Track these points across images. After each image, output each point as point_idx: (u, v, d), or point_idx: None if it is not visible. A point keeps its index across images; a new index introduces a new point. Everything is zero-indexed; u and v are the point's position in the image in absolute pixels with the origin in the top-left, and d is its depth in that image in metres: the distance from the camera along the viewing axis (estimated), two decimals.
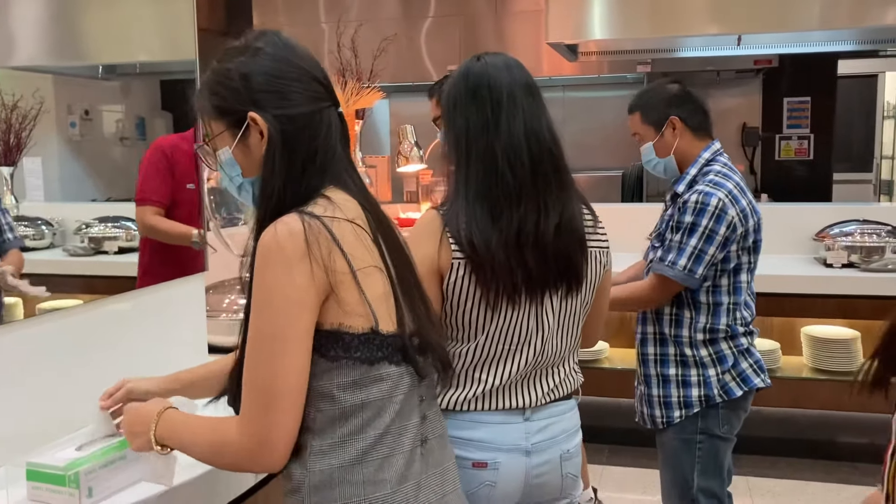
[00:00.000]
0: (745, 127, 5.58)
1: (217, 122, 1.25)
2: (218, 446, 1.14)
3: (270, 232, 1.12)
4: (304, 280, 1.10)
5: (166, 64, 2.24)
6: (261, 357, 1.11)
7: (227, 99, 1.23)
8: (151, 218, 1.97)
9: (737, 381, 2.16)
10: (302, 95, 1.22)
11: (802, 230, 3.96)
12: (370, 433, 1.15)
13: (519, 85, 1.56)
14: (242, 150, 1.23)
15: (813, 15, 3.79)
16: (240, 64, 1.23)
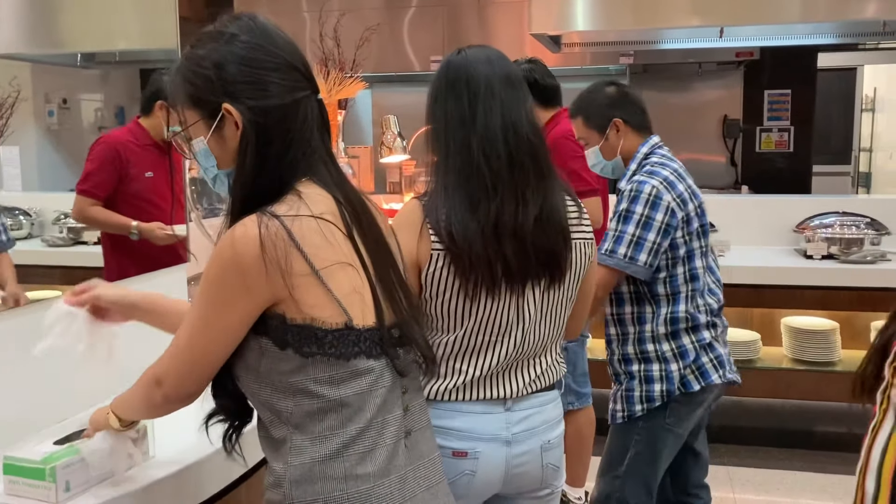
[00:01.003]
0: (727, 119, 5.61)
1: (191, 111, 1.22)
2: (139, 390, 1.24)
3: (229, 233, 1.13)
4: (250, 282, 1.11)
5: (146, 52, 2.22)
6: (181, 338, 1.17)
7: (200, 88, 1.20)
8: (89, 209, 1.97)
9: (696, 374, 2.16)
10: (278, 86, 1.19)
11: (783, 222, 3.99)
12: (351, 428, 1.14)
13: (498, 77, 1.56)
14: (217, 141, 1.21)
15: (794, 8, 3.81)
16: (213, 51, 1.20)
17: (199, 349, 1.16)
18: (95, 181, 1.97)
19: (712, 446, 3.77)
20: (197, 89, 1.20)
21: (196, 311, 1.16)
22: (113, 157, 2.03)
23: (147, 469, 1.35)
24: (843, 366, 3.66)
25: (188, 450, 1.40)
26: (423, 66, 5.01)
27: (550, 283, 1.58)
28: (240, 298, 1.12)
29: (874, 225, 3.74)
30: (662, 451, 2.20)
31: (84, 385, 1.61)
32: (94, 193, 1.97)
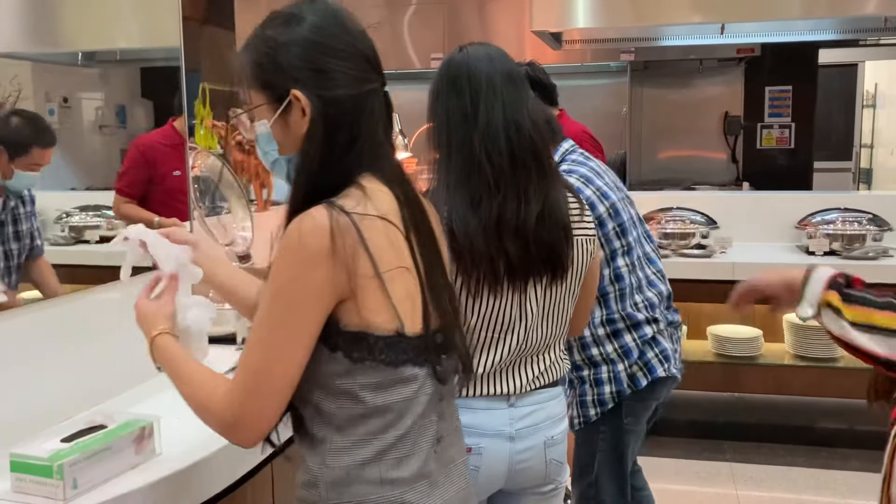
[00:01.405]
0: (727, 116, 5.61)
1: (258, 93, 1.18)
2: (202, 404, 1.15)
3: (296, 224, 1.08)
4: (320, 280, 1.07)
5: (147, 51, 2.22)
6: (261, 342, 1.10)
7: (270, 72, 1.16)
8: (122, 206, 2.07)
9: (643, 370, 2.16)
10: (350, 76, 1.15)
11: (784, 218, 3.99)
12: (391, 434, 1.13)
13: (499, 74, 1.56)
14: (281, 126, 1.17)
15: (794, 4, 3.81)
16: (286, 34, 1.16)
17: (278, 363, 1.09)
18: (127, 180, 2.08)
19: (714, 442, 3.80)
20: (266, 72, 1.17)
21: (269, 318, 1.10)
22: (141, 157, 2.13)
23: (153, 466, 1.35)
24: (846, 362, 3.66)
25: (194, 447, 1.40)
26: (423, 64, 5.00)
27: (552, 280, 1.59)
28: (313, 296, 1.08)
29: (876, 221, 3.74)
30: (626, 452, 2.21)
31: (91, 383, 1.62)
32: (126, 192, 2.07)
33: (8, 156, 1.62)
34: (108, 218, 2.04)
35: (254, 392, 1.09)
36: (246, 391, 1.09)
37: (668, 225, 3.88)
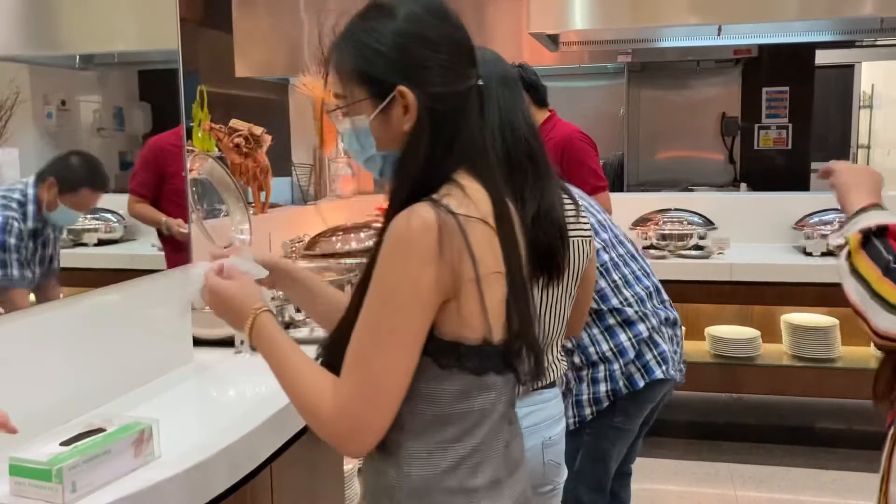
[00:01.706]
0: (725, 116, 5.62)
1: (358, 87, 1.12)
2: (309, 407, 1.08)
3: (404, 221, 1.04)
4: (430, 281, 1.03)
5: (145, 54, 2.22)
6: (376, 349, 1.05)
7: (376, 66, 1.10)
8: (133, 206, 2.09)
9: (641, 371, 2.16)
10: (456, 72, 1.12)
11: (782, 219, 4.00)
12: (468, 441, 1.11)
13: (495, 78, 1.57)
14: (381, 122, 1.12)
15: (791, 6, 3.81)
16: (392, 27, 1.11)
17: (394, 372, 1.05)
18: (139, 181, 2.10)
19: (713, 443, 3.80)
20: (370, 66, 1.11)
21: (380, 322, 1.05)
22: (152, 158, 2.16)
23: (153, 469, 1.35)
24: (843, 362, 3.67)
25: (194, 450, 1.40)
26: None
27: (549, 281, 1.59)
28: (424, 298, 1.04)
29: None
30: (611, 450, 2.21)
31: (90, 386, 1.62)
32: (138, 192, 2.10)
33: (58, 189, 1.66)
34: (106, 221, 2.03)
35: (370, 403, 1.05)
36: (362, 402, 1.05)
37: (666, 226, 3.89)
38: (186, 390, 1.79)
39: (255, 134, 2.80)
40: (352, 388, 1.05)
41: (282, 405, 1.60)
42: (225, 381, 1.87)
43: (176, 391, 1.76)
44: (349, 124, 1.15)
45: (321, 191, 3.86)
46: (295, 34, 4.44)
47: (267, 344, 1.15)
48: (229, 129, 2.82)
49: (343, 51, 1.13)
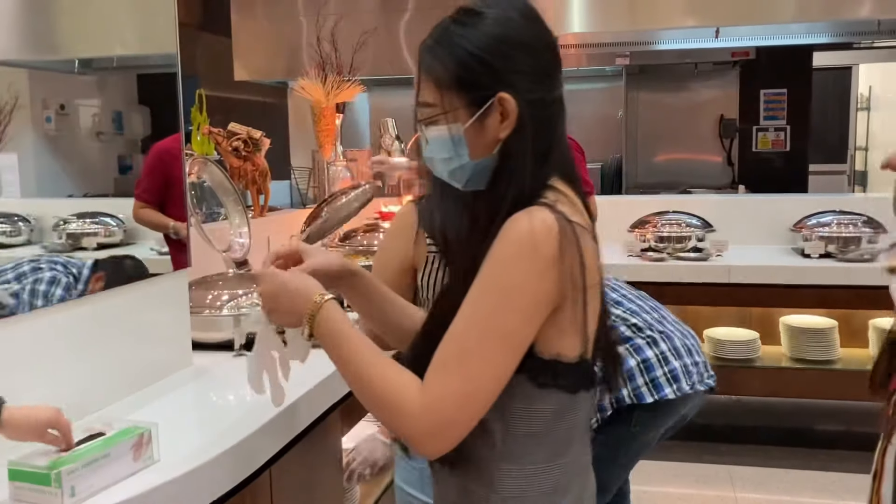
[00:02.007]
0: (723, 119, 5.63)
1: (456, 94, 1.08)
2: (390, 402, 1.02)
3: (525, 223, 1.01)
4: (550, 286, 1.00)
5: (144, 58, 2.22)
6: (481, 350, 1.00)
7: (475, 72, 1.06)
8: (139, 211, 2.08)
9: (648, 387, 2.15)
10: (551, 77, 1.09)
11: (780, 221, 4.00)
12: (560, 461, 1.08)
13: None
14: (476, 130, 1.08)
15: (789, 8, 3.82)
16: (491, 32, 1.07)
17: (493, 377, 1.00)
18: (144, 186, 2.08)
19: (712, 445, 3.80)
20: (469, 72, 1.07)
21: (490, 323, 1.00)
22: (158, 163, 2.14)
23: (152, 473, 1.35)
24: (842, 364, 3.67)
25: (193, 454, 1.40)
26: None
27: None
28: (541, 304, 1.01)
29: (871, 223, 3.75)
30: (619, 455, 2.19)
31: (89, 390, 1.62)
32: (143, 197, 2.08)
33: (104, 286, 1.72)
34: (105, 225, 2.04)
35: (465, 404, 0.99)
36: (457, 402, 0.99)
37: (665, 228, 3.89)
38: (185, 394, 1.79)
39: (253, 137, 2.80)
40: (445, 385, 1.00)
41: (282, 408, 1.60)
42: (224, 384, 1.86)
43: (175, 395, 1.76)
44: (445, 132, 1.09)
45: (320, 194, 3.86)
46: (293, 38, 4.44)
47: (335, 335, 1.07)
48: (228, 132, 2.82)
49: (438, 57, 1.09)
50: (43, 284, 1.60)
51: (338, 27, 4.05)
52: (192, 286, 2.06)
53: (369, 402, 1.05)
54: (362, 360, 1.05)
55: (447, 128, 1.09)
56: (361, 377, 1.05)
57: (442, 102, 1.09)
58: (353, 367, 1.06)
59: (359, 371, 1.05)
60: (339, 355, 1.07)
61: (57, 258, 1.67)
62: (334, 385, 1.83)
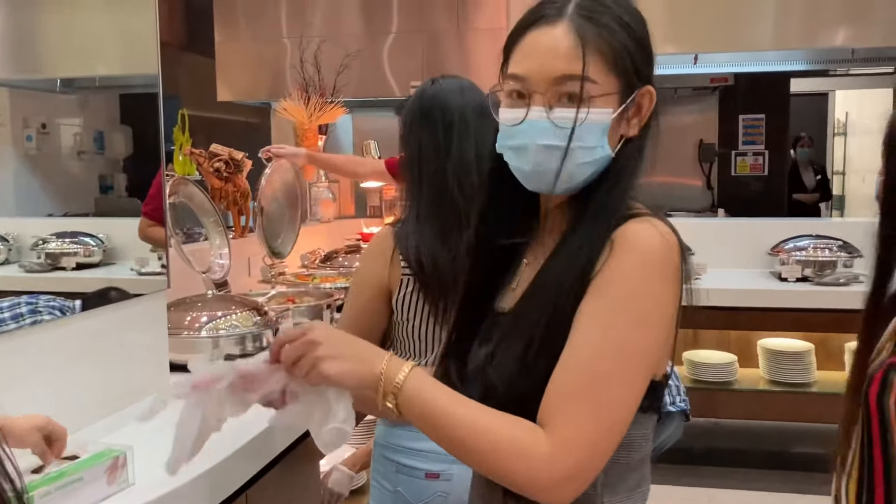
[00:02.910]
0: (702, 143, 5.69)
1: (614, 77, 0.97)
2: (514, 457, 0.89)
3: (656, 235, 0.93)
4: (676, 302, 0.94)
5: (126, 78, 2.22)
6: (620, 375, 0.90)
7: (637, 59, 0.98)
8: (146, 230, 2.09)
9: None
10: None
11: (758, 245, 4.04)
12: (644, 486, 1.03)
13: (471, 107, 1.59)
14: (616, 122, 0.98)
15: (766, 36, 3.89)
16: (644, 22, 1.01)
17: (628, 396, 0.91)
18: (153, 206, 2.09)
19: (692, 468, 3.81)
20: (632, 57, 0.98)
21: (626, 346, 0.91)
22: (158, 179, 2.14)
23: (126, 496, 1.34)
24: (819, 387, 3.70)
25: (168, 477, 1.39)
26: (403, 91, 5.03)
27: None
28: (671, 322, 0.94)
29: (847, 248, 3.80)
30: None
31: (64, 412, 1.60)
32: (151, 215, 2.08)
33: None
34: (85, 245, 2.03)
35: (601, 439, 0.89)
36: (592, 438, 0.88)
37: None
38: (162, 416, 1.78)
39: (235, 158, 2.81)
40: (580, 422, 0.88)
41: (259, 430, 1.60)
42: None
43: None
44: (606, 116, 0.97)
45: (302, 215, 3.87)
46: (277, 59, 4.47)
47: (427, 407, 0.93)
48: (209, 153, 2.83)
49: (605, 30, 0.96)
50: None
51: (321, 49, 4.08)
52: (170, 307, 2.05)
53: (491, 466, 0.92)
54: (465, 423, 0.92)
55: (606, 112, 0.96)
56: (471, 442, 0.92)
57: (605, 82, 0.96)
58: (458, 435, 0.92)
59: (467, 438, 0.92)
60: (433, 424, 0.94)
61: (53, 301, 1.66)
62: None
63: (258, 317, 2.08)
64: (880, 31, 3.71)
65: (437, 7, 4.55)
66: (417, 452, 1.56)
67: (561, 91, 0.96)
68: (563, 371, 0.91)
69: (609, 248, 0.94)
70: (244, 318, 2.05)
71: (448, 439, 0.94)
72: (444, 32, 4.61)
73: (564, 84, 0.95)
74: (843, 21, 3.76)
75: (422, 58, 4.62)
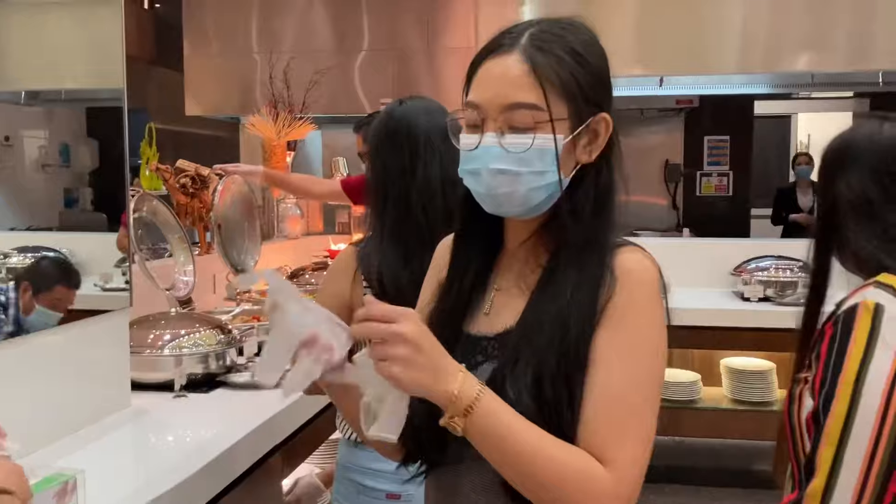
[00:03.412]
0: (668, 163, 5.78)
1: (564, 103, 0.99)
2: (581, 489, 0.92)
3: (651, 265, 1.01)
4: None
5: (93, 91, 2.21)
6: (648, 404, 0.96)
7: (588, 85, 1.01)
8: (122, 239, 2.06)
9: None
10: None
11: (721, 265, 4.10)
12: None
13: (437, 130, 1.60)
14: (568, 148, 1.01)
15: (730, 59, 3.97)
16: (601, 50, 1.03)
17: (654, 421, 0.97)
18: (125, 217, 2.06)
19: (655, 486, 3.83)
20: (582, 83, 1.00)
21: (651, 376, 0.97)
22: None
23: None
24: (780, 405, 3.73)
25: (126, 498, 1.38)
26: (373, 108, 5.03)
27: None
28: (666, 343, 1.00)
29: (807, 268, 3.86)
30: None
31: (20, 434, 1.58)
32: (125, 223, 2.05)
33: (33, 292, 1.66)
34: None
35: (644, 465, 0.96)
36: (642, 466, 0.95)
37: None
38: (123, 436, 1.76)
39: (201, 174, 2.79)
40: (633, 452, 0.95)
41: (223, 449, 1.59)
42: (163, 426, 1.84)
43: (112, 437, 1.72)
44: (550, 142, 0.99)
45: (269, 231, 3.85)
46: (247, 74, 4.46)
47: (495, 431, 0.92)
48: (176, 169, 2.81)
49: (554, 58, 1.00)
50: None
51: (291, 65, 4.08)
52: (133, 325, 2.03)
53: (555, 496, 0.93)
54: (535, 450, 0.92)
55: (553, 137, 0.99)
56: (540, 471, 0.93)
57: (549, 108, 0.99)
58: (526, 462, 0.93)
59: (535, 465, 0.93)
60: (500, 449, 0.93)
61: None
62: (277, 426, 1.82)
63: (222, 335, 2.07)
64: (839, 57, 3.81)
65: (407, 26, 4.58)
66: (379, 473, 1.55)
67: (512, 118, 0.99)
68: (603, 403, 0.95)
69: (611, 278, 0.99)
70: (208, 337, 2.04)
71: (513, 465, 0.94)
72: (414, 51, 4.64)
73: (515, 111, 0.99)
74: (805, 46, 3.85)
75: (392, 75, 4.64)
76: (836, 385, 1.18)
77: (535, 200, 1.02)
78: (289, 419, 1.90)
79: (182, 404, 1.94)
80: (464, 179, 1.06)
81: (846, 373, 1.17)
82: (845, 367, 1.17)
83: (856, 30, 3.72)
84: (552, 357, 0.96)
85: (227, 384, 2.04)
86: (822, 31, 3.79)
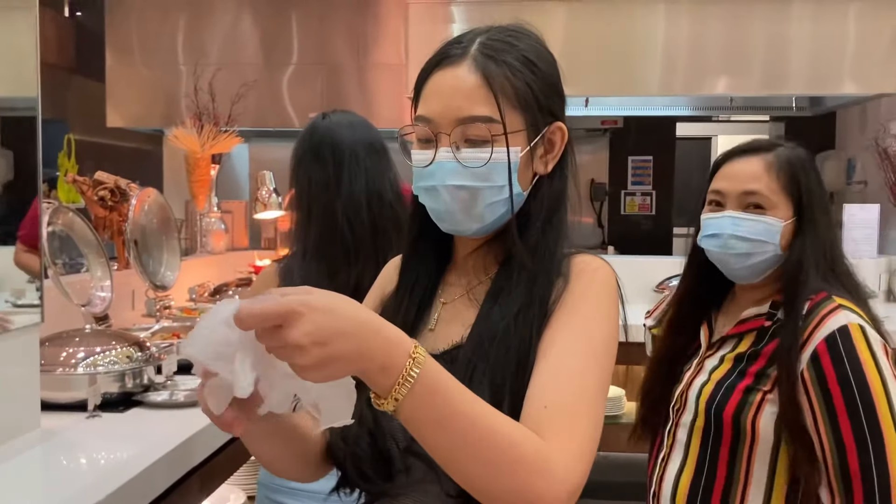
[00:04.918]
0: (594, 182, 5.90)
1: (517, 115, 0.98)
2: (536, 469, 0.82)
3: (604, 264, 1.03)
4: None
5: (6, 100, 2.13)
6: (600, 394, 0.94)
7: (542, 95, 0.99)
8: (22, 256, 1.95)
9: None
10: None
11: (644, 281, 4.20)
12: None
13: (362, 144, 1.60)
14: (525, 160, 0.99)
15: (653, 82, 4.09)
16: (553, 59, 1.02)
17: (603, 413, 0.95)
18: (28, 230, 1.96)
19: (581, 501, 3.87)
20: (537, 94, 0.99)
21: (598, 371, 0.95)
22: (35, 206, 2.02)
23: None
24: None
25: None
26: (302, 123, 5.00)
27: None
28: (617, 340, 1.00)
29: None
30: None
31: None
32: (26, 240, 1.96)
33: None
34: None
35: (592, 455, 0.89)
36: (590, 456, 0.89)
37: None
38: (31, 459, 1.68)
39: (120, 187, 2.72)
40: (583, 437, 0.88)
41: (138, 471, 1.53)
42: (76, 447, 1.76)
43: (19, 460, 1.65)
44: (504, 155, 0.97)
45: (192, 246, 3.77)
46: (172, 86, 4.37)
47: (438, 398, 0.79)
48: (94, 181, 2.73)
49: (512, 69, 0.97)
50: None
51: (217, 77, 4.02)
52: (45, 342, 1.95)
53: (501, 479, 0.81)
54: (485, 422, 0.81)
55: (508, 150, 0.97)
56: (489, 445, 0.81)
57: (503, 120, 0.96)
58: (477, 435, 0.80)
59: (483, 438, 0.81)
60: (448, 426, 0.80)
61: None
62: (194, 448, 1.77)
63: (140, 352, 2.01)
64: (756, 82, 3.96)
65: (337, 40, 4.57)
66: (300, 492, 1.53)
67: (467, 131, 0.96)
68: (553, 386, 0.89)
69: (563, 282, 0.98)
70: (124, 354, 1.98)
71: (470, 441, 0.80)
72: (344, 66, 4.63)
73: (469, 125, 0.96)
74: (723, 71, 4.00)
75: (322, 90, 4.62)
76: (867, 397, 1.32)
77: (492, 216, 0.99)
78: (208, 439, 1.86)
79: (96, 425, 1.87)
80: (419, 197, 1.02)
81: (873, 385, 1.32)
82: (870, 379, 1.32)
83: (771, 56, 3.89)
84: (508, 370, 0.93)
85: (144, 403, 1.98)
86: (740, 56, 3.93)
